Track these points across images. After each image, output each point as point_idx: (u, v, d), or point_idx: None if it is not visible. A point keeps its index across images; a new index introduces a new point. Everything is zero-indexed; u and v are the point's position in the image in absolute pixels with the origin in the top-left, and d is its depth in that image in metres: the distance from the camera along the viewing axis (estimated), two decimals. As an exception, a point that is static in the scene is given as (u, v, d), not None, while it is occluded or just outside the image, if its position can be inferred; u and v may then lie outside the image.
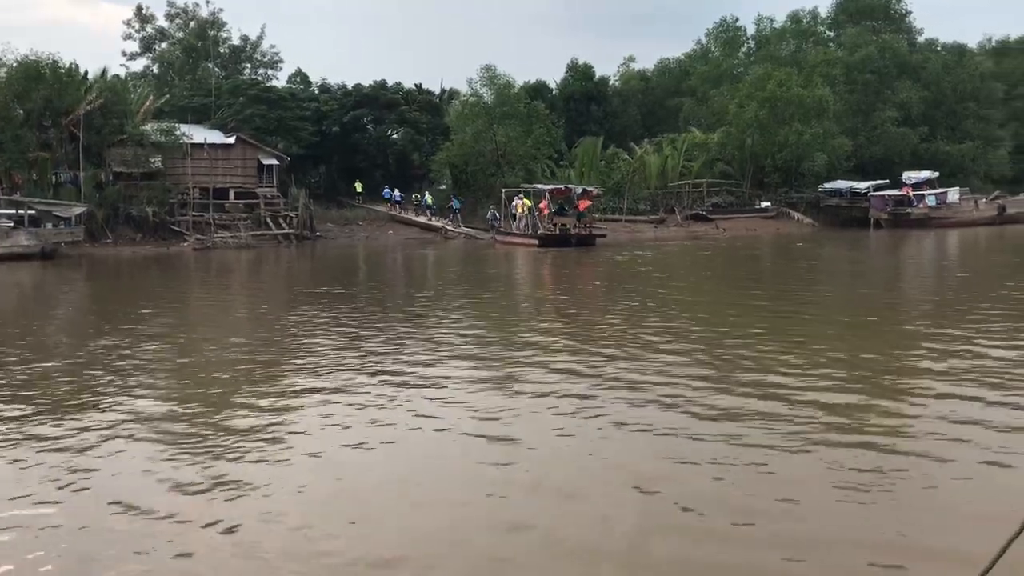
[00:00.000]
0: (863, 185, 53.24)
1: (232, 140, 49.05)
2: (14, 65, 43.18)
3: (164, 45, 64.39)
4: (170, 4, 62.95)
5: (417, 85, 62.75)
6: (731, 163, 57.88)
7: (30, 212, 37.74)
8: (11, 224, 37.11)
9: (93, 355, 12.55)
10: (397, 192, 53.17)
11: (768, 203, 54.44)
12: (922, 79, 60.30)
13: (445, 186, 56.09)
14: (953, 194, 51.39)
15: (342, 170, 58.43)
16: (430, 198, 52.00)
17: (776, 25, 67.80)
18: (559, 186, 42.88)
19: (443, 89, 66.26)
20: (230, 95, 55.80)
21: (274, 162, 50.01)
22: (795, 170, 55.38)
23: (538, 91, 61.78)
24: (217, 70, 61.99)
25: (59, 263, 34.91)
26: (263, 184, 49.11)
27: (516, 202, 41.94)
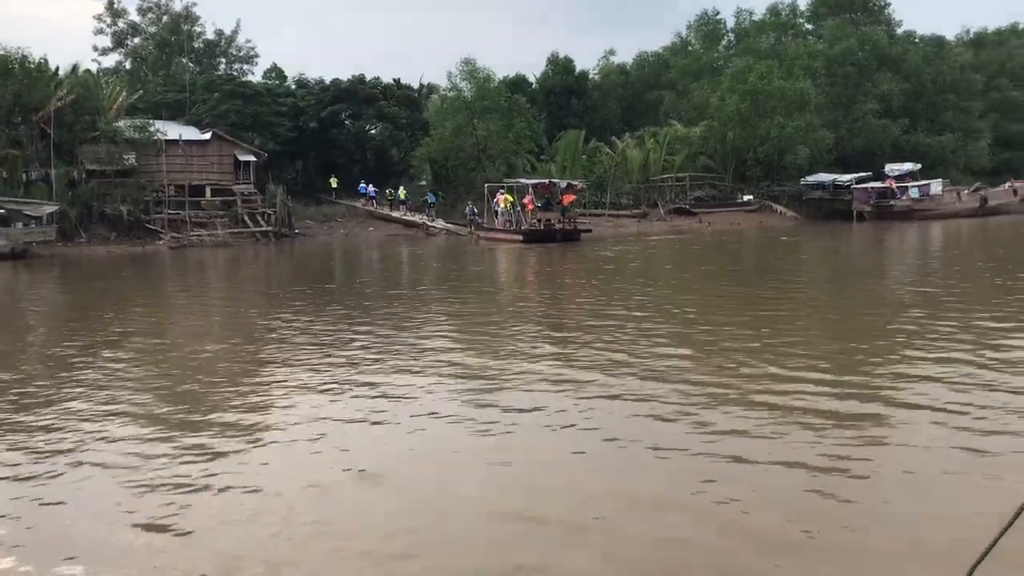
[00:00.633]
0: (846, 178, 53.11)
1: (208, 136, 48.14)
2: (-19, 61, 42.11)
3: (136, 40, 63.30)
4: (142, -2, 61.93)
5: (396, 80, 62.00)
6: (713, 157, 57.61)
7: (0, 211, 36.81)
8: (-20, 224, 36.20)
9: (58, 362, 11.90)
10: (371, 187, 52.47)
11: (750, 196, 54.19)
12: (902, 71, 60.19)
13: (425, 181, 55.47)
14: (936, 186, 51.30)
15: (320, 166, 57.64)
16: (403, 193, 51.34)
17: (756, 18, 67.74)
18: (543, 180, 42.35)
19: (422, 84, 65.58)
20: (205, 90, 54.84)
21: (251, 158, 49.13)
22: (777, 163, 55.15)
23: (518, 85, 61.22)
24: (191, 65, 61.01)
25: (30, 264, 34.05)
26: (240, 181, 48.23)
27: (498, 197, 41.33)
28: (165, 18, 62.50)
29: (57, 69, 47.27)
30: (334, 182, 54.36)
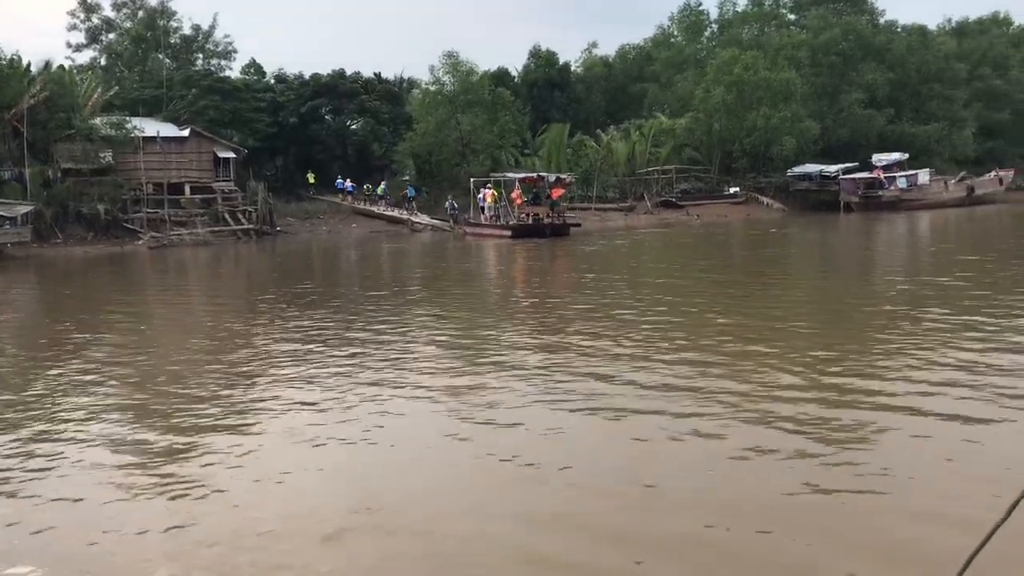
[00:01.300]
0: (832, 168, 52.80)
1: (186, 133, 47.10)
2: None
3: (111, 36, 61.93)
4: (116, -8, 60.54)
5: (376, 74, 61.10)
6: (699, 149, 57.18)
7: (-28, 213, 35.85)
8: (-48, 226, 35.18)
9: (29, 371, 11.18)
10: (348, 182, 51.65)
11: (737, 188, 53.79)
12: (887, 60, 59.94)
13: (408, 176, 54.69)
14: (924, 175, 51.09)
15: (300, 162, 56.71)
16: (380, 188, 50.58)
17: (739, 9, 67.36)
18: (531, 174, 41.69)
19: (402, 78, 64.68)
20: (182, 86, 53.74)
21: (231, 155, 48.17)
22: (763, 155, 54.78)
23: (500, 79, 60.31)
24: (168, 61, 59.76)
25: (5, 266, 33.02)
26: (220, 178, 47.25)
27: (484, 192, 40.61)
28: (140, 13, 61.07)
29: (29, 65, 46.06)
30: (311, 178, 53.46)
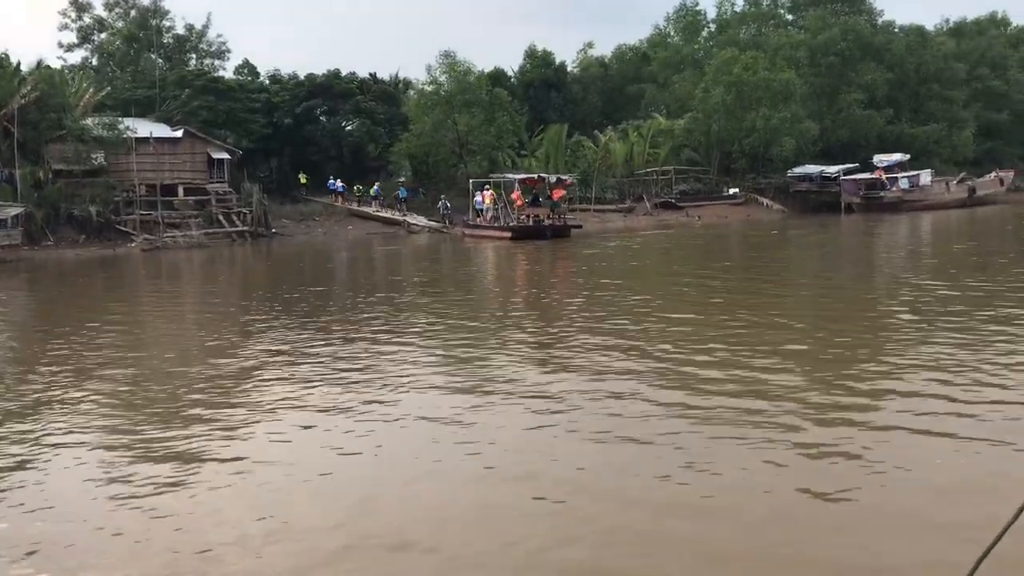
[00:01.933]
0: (833, 169, 52.36)
1: (179, 133, 46.40)
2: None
3: (103, 35, 61.21)
4: (108, -9, 59.83)
5: (372, 74, 60.41)
6: (697, 149, 56.75)
7: (-39, 215, 35.20)
8: (-60, 228, 34.52)
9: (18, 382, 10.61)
10: (339, 183, 51.05)
11: (736, 189, 53.30)
12: (886, 61, 59.59)
13: (404, 177, 54.12)
14: (926, 176, 50.74)
15: (295, 163, 55.95)
16: (373, 189, 50.02)
17: (737, 9, 67.00)
18: (531, 175, 41.14)
19: (398, 79, 64.01)
20: (175, 87, 53.06)
21: (225, 156, 47.48)
22: (763, 155, 54.36)
23: (496, 79, 59.71)
24: (161, 61, 59.09)
25: (-5, 269, 32.41)
26: (214, 179, 46.54)
27: (483, 193, 40.01)
28: (133, 12, 60.43)
29: (19, 65, 45.38)
30: (303, 178, 52.80)
